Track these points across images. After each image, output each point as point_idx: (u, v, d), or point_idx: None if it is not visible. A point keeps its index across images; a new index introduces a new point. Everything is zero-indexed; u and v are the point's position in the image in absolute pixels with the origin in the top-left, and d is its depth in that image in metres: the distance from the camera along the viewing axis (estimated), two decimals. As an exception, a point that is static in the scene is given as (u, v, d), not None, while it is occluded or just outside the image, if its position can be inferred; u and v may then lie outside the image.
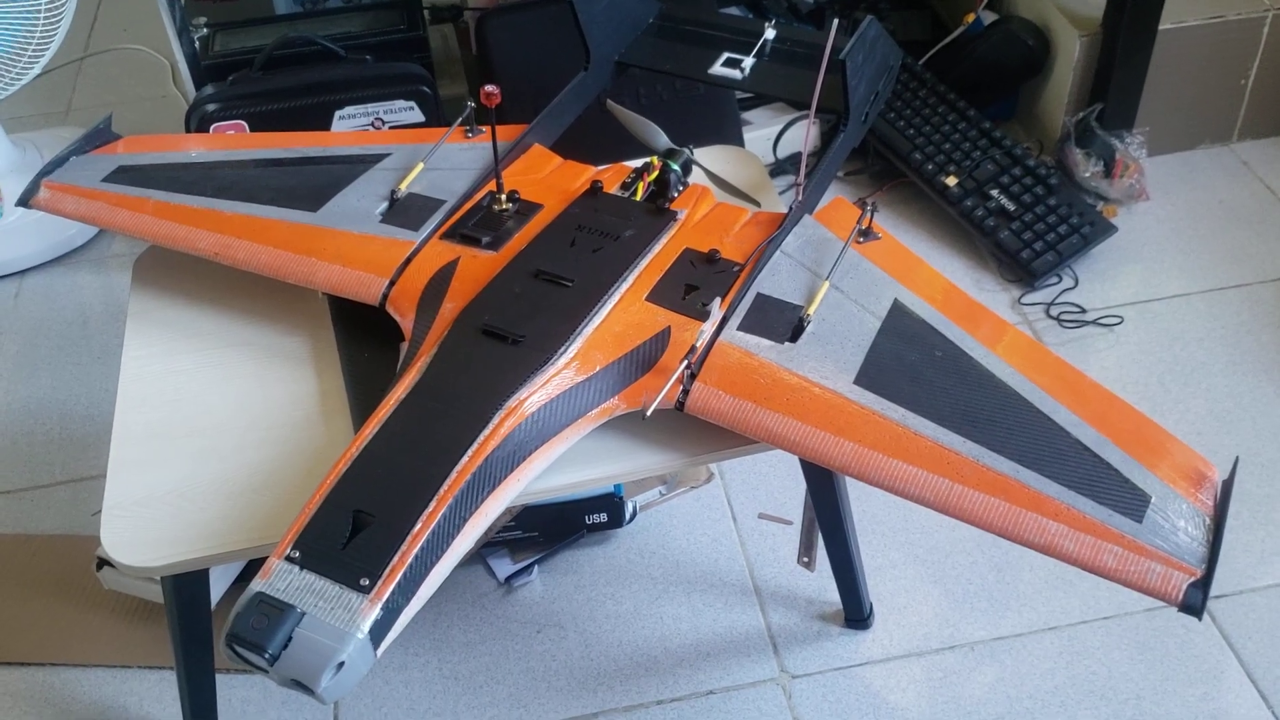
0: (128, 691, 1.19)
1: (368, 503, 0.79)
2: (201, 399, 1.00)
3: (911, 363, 0.92)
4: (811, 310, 0.94)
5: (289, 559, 0.77)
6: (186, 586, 0.96)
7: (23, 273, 1.78)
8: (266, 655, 0.72)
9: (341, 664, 0.72)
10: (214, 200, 1.10)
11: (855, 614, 1.20)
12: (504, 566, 1.26)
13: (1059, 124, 1.85)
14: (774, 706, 1.13)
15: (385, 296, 0.99)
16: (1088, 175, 1.78)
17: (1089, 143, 1.80)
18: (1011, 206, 1.72)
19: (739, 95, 1.79)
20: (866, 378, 0.90)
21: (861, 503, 1.24)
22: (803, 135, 1.91)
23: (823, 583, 1.24)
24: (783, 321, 0.94)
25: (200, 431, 0.97)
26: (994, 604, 1.21)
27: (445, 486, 0.80)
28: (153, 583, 1.18)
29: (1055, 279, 1.68)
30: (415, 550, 0.77)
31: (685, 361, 0.89)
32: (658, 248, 1.00)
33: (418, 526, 0.78)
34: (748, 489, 1.35)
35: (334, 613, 0.74)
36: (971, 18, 1.93)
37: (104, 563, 1.19)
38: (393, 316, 0.98)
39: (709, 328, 0.92)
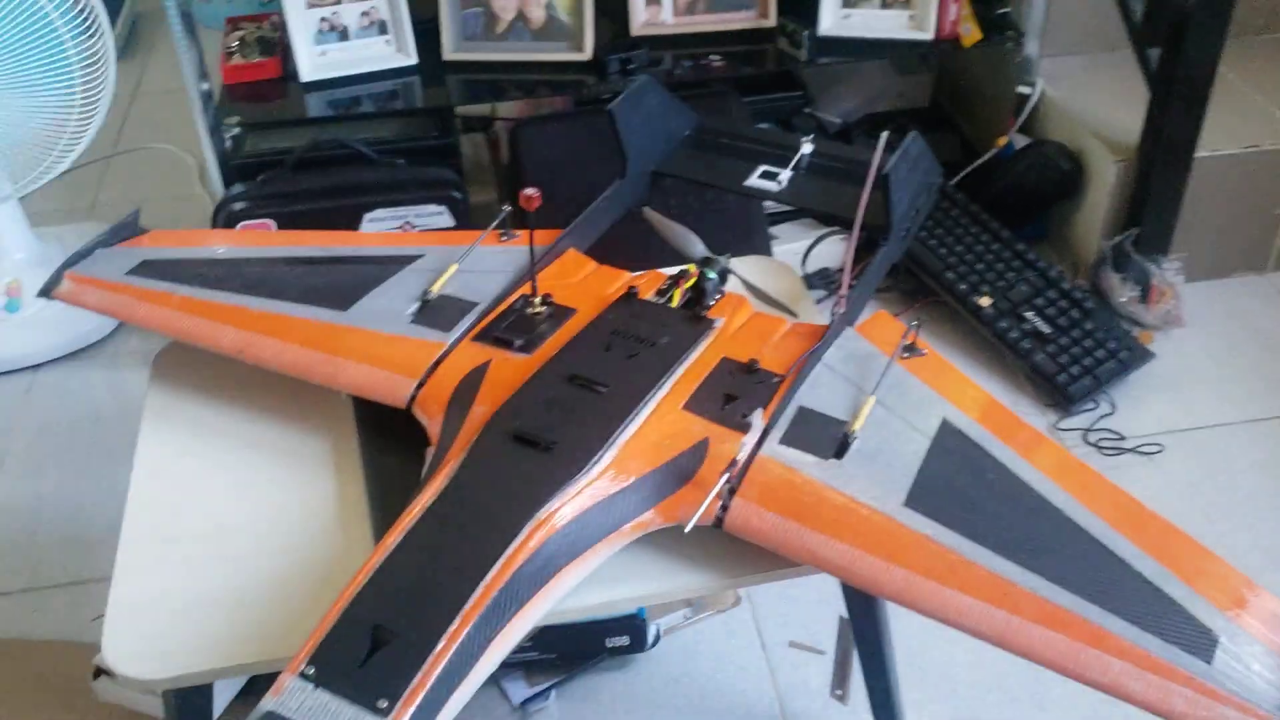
0: (116, 813, 1.12)
1: (388, 618, 0.75)
2: (216, 502, 0.97)
3: (963, 486, 0.88)
4: (857, 426, 0.90)
5: (304, 676, 0.72)
6: (190, 701, 0.91)
7: (36, 367, 1.76)
8: (274, 782, 0.67)
9: (355, 794, 0.67)
10: (240, 296, 1.08)
11: (892, 753, 1.13)
12: (519, 690, 1.21)
13: (1093, 247, 1.84)
14: None
15: (412, 399, 0.96)
16: (1124, 300, 1.76)
17: (1125, 267, 1.78)
18: (1047, 329, 1.70)
19: (767, 210, 1.79)
20: (917, 500, 0.86)
21: (896, 636, 1.18)
22: (831, 251, 1.91)
23: (858, 717, 1.18)
24: (826, 437, 0.90)
25: (212, 536, 0.93)
26: (1039, 747, 1.15)
27: (470, 603, 0.76)
28: (151, 695, 1.12)
29: (1092, 404, 1.65)
30: (437, 672, 0.72)
31: (725, 475, 0.85)
32: (695, 355, 0.98)
33: (440, 645, 0.73)
34: (778, 615, 1.30)
35: (349, 737, 0.69)
36: (1004, 140, 1.94)
37: (100, 672, 1.14)
38: (419, 420, 0.95)
39: (750, 440, 0.88)
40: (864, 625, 1.06)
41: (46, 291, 1.11)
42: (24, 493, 1.52)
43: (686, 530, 0.84)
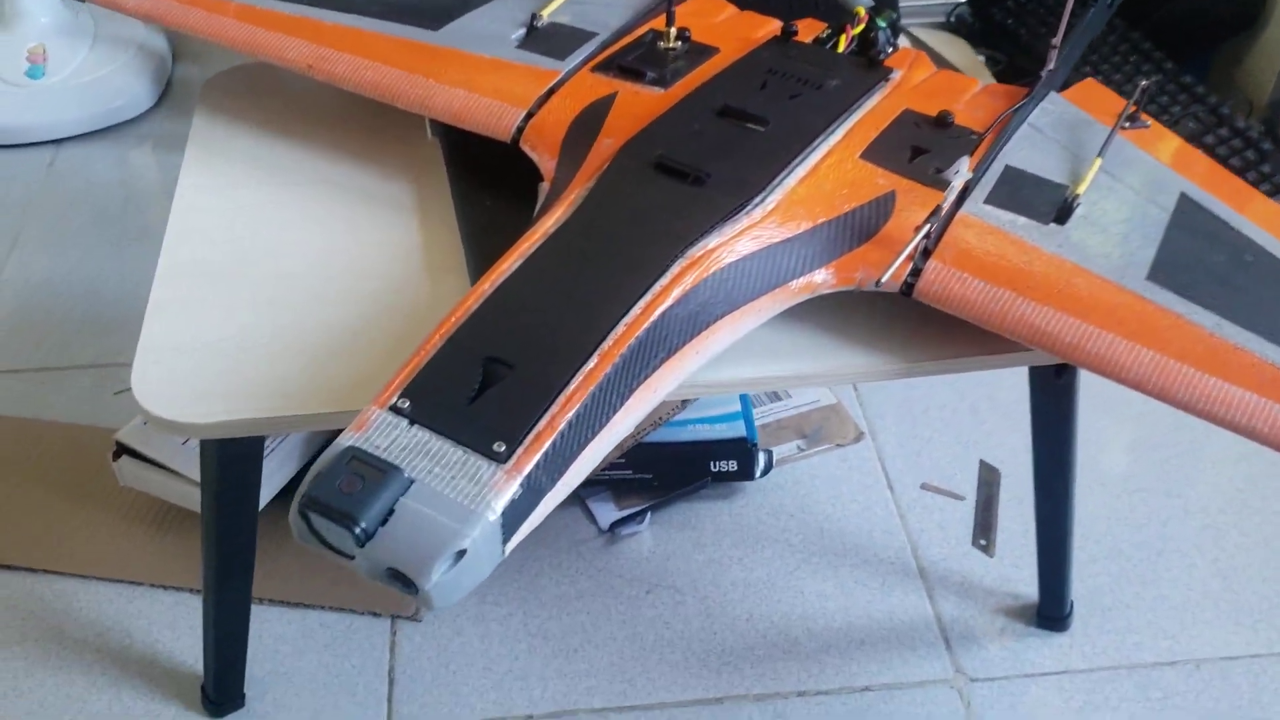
0: (135, 613, 1.00)
1: (506, 350, 0.60)
2: (272, 240, 0.82)
3: (1216, 264, 0.72)
4: (1081, 189, 0.74)
5: (395, 409, 0.58)
6: (235, 462, 0.76)
7: (60, 142, 1.61)
8: (358, 530, 0.53)
9: (463, 552, 0.53)
10: (311, 9, 0.92)
11: (1053, 610, 0.98)
12: (607, 512, 1.07)
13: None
14: (948, 712, 0.92)
15: (520, 131, 0.80)
16: (1308, 144, 1.56)
17: (1311, 108, 1.59)
18: (1217, 170, 1.51)
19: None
20: (1162, 275, 0.71)
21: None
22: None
23: (1004, 570, 1.04)
24: (1043, 199, 0.75)
25: (268, 277, 0.79)
26: (1221, 616, 1.00)
27: (611, 341, 0.61)
28: (180, 480, 0.99)
29: (1267, 258, 1.47)
30: (569, 416, 0.58)
31: (925, 228, 0.70)
32: (871, 103, 0.82)
33: (573, 386, 0.59)
34: (906, 455, 1.15)
35: (455, 484, 0.55)
36: (1172, -41, 1.73)
37: (122, 451, 1.00)
38: (529, 156, 0.80)
39: (956, 186, 0.72)
40: (1051, 445, 0.90)
41: (78, -11, 0.96)
42: (41, 270, 1.38)
43: (881, 283, 0.68)
